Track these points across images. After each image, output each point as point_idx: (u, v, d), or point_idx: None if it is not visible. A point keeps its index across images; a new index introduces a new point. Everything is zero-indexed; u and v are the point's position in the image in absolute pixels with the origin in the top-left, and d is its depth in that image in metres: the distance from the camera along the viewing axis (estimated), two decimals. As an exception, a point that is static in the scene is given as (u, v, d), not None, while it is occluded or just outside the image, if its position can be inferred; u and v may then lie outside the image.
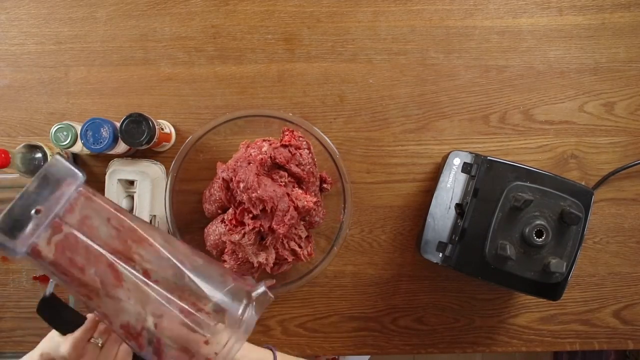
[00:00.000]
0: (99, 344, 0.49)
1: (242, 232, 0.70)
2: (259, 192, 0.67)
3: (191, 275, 0.45)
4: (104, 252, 0.43)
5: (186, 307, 0.43)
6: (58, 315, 0.49)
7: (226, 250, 0.73)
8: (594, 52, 0.81)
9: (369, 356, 1.18)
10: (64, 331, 0.50)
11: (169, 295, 0.43)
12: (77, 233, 0.43)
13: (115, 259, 0.43)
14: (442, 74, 0.81)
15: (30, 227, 0.41)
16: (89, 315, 0.51)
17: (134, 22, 0.81)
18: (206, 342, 0.43)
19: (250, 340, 0.81)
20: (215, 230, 0.74)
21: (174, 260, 0.46)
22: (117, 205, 0.48)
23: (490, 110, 0.81)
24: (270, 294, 0.48)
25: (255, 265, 0.72)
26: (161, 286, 0.44)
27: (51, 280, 0.50)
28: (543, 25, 0.81)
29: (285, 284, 0.75)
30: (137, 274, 0.43)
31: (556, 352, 1.48)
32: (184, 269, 0.45)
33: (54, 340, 0.51)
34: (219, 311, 0.44)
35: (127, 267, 0.43)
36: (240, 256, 0.72)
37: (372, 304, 0.81)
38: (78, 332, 0.50)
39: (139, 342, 0.43)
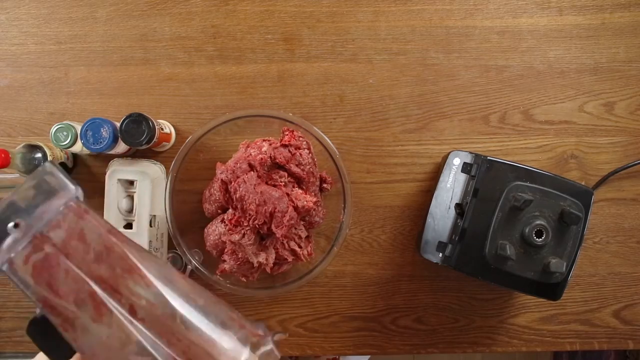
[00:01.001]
0: None
1: (242, 232, 0.70)
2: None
3: (185, 318, 0.39)
4: (86, 279, 0.38)
5: (173, 354, 0.38)
6: (48, 339, 0.43)
7: (226, 250, 0.73)
8: (594, 52, 0.81)
9: (369, 356, 1.18)
10: (53, 358, 0.45)
11: (155, 339, 0.38)
12: (58, 254, 0.38)
13: (99, 289, 0.38)
14: (442, 74, 0.81)
15: (7, 241, 0.37)
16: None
17: (134, 22, 0.81)
18: None
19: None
20: (215, 230, 0.74)
21: (167, 297, 0.40)
22: (112, 226, 0.42)
23: (490, 110, 0.81)
24: (277, 353, 0.41)
25: (255, 265, 0.72)
26: (147, 326, 0.38)
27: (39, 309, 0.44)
28: (543, 25, 0.81)
29: (285, 284, 0.75)
30: (120, 309, 0.38)
31: (556, 352, 1.48)
32: (177, 309, 0.39)
33: None
34: None
35: (110, 299, 0.38)
36: (240, 256, 0.72)
37: (372, 304, 0.81)
38: None
39: None
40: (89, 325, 0.37)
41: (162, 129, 0.76)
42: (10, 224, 0.37)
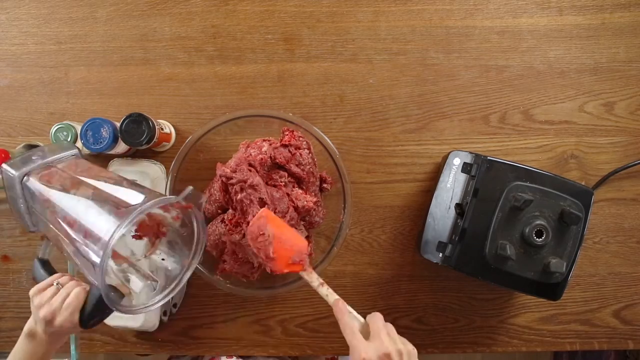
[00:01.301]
0: (58, 286, 0.59)
1: (242, 232, 0.70)
2: (260, 193, 0.67)
3: (127, 184, 0.62)
4: (72, 175, 0.63)
5: (114, 198, 0.57)
6: (45, 276, 0.63)
7: (226, 250, 0.73)
8: (594, 52, 0.81)
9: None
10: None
11: (105, 193, 0.58)
12: (57, 170, 0.65)
13: (78, 177, 0.62)
14: (442, 74, 0.81)
15: (28, 164, 0.64)
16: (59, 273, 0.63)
17: (134, 22, 0.81)
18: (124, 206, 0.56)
19: (250, 340, 0.82)
20: (215, 230, 0.74)
21: (119, 177, 0.64)
22: (94, 164, 0.70)
23: (490, 110, 0.81)
24: (192, 187, 0.59)
25: (255, 265, 0.72)
26: (103, 188, 0.60)
27: (44, 244, 0.66)
28: (543, 25, 0.81)
29: (285, 284, 0.75)
30: (89, 181, 0.61)
31: (556, 352, 1.48)
32: (124, 181, 0.62)
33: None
34: (139, 197, 0.57)
35: (84, 179, 0.62)
36: (240, 256, 0.72)
37: (372, 304, 0.81)
38: (45, 280, 0.61)
39: (74, 227, 0.56)
40: (65, 192, 0.61)
41: (162, 129, 0.76)
42: (34, 157, 0.65)
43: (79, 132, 0.71)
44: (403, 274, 0.81)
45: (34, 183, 0.63)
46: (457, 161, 0.72)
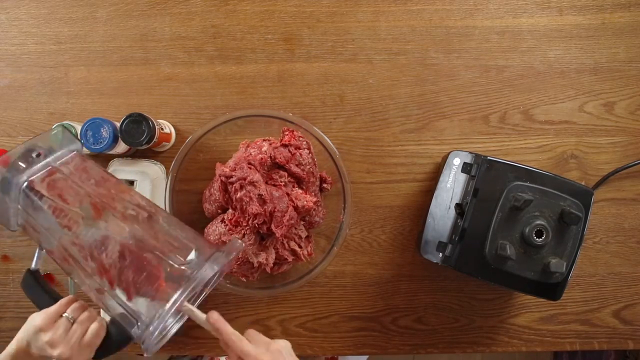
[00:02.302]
0: (70, 319, 0.54)
1: (242, 232, 0.70)
2: (261, 189, 0.67)
3: (165, 220, 0.54)
4: (89, 192, 0.54)
5: (156, 243, 0.50)
6: (39, 291, 0.57)
7: (226, 250, 0.73)
8: (594, 52, 0.81)
9: (367, 356, 1.18)
10: (42, 307, 0.56)
11: (143, 232, 0.51)
12: (67, 178, 0.55)
13: (98, 199, 0.54)
14: (442, 74, 0.81)
15: (30, 166, 0.54)
16: (66, 297, 0.57)
17: (134, 22, 0.81)
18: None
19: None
20: (215, 230, 0.74)
21: (150, 207, 0.55)
22: (105, 170, 0.60)
23: (490, 110, 0.81)
24: (240, 241, 0.56)
25: (255, 265, 0.72)
26: (138, 225, 0.52)
27: (36, 254, 0.58)
28: (543, 25, 0.81)
29: (285, 284, 0.75)
30: (114, 212, 0.53)
31: (556, 352, 1.48)
32: (159, 214, 0.54)
33: (29, 325, 0.55)
34: (188, 250, 0.50)
35: (107, 206, 0.53)
36: (240, 256, 0.72)
37: (372, 304, 0.81)
38: (52, 307, 0.55)
39: (109, 276, 0.49)
40: (89, 221, 0.52)
41: (162, 129, 0.76)
42: (34, 153, 0.56)
43: (79, 132, 0.71)
44: (403, 274, 0.81)
45: (41, 192, 0.54)
46: (457, 161, 0.72)
